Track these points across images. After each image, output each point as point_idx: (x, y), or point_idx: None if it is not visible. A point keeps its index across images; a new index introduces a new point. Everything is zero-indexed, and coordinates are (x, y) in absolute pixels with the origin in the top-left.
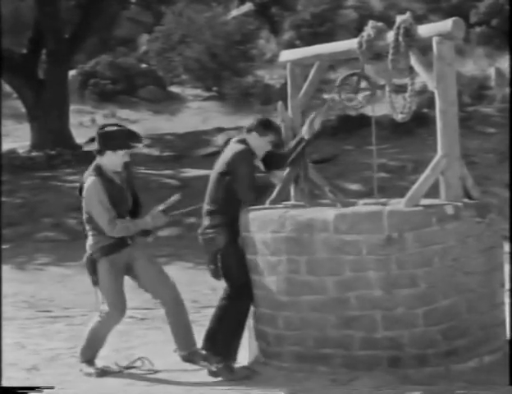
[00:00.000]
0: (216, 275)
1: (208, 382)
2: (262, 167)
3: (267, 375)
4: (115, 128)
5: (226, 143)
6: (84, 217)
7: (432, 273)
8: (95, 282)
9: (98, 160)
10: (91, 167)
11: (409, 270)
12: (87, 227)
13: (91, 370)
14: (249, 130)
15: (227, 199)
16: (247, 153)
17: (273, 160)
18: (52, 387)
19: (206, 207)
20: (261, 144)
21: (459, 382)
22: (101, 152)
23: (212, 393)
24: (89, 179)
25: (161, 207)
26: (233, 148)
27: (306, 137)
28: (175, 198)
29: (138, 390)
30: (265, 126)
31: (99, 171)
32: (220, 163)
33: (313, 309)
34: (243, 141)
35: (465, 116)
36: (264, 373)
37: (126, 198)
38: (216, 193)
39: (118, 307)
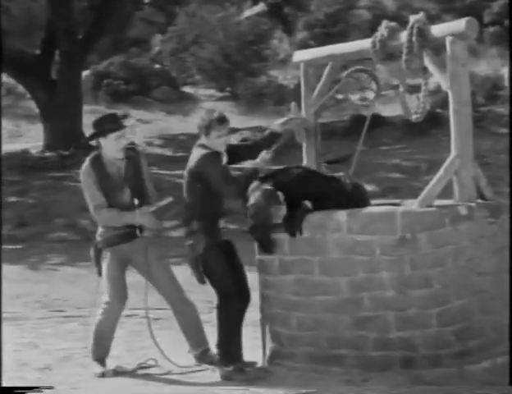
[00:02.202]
0: (200, 280)
1: (220, 382)
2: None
3: (281, 375)
4: (102, 115)
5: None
6: None
7: (445, 274)
8: (99, 273)
9: (99, 150)
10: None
11: (422, 270)
12: None
13: (103, 370)
14: (207, 133)
15: (202, 204)
16: (212, 155)
17: (238, 153)
18: (51, 387)
19: (183, 214)
20: (220, 140)
21: (472, 383)
22: (95, 140)
23: (224, 393)
24: (83, 166)
25: (152, 207)
26: (196, 154)
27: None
28: (167, 200)
29: (150, 390)
30: (218, 121)
31: (95, 160)
32: (188, 171)
33: (326, 310)
34: (203, 146)
35: (479, 117)
36: (277, 374)
37: (120, 188)
38: (189, 200)
39: (118, 296)
